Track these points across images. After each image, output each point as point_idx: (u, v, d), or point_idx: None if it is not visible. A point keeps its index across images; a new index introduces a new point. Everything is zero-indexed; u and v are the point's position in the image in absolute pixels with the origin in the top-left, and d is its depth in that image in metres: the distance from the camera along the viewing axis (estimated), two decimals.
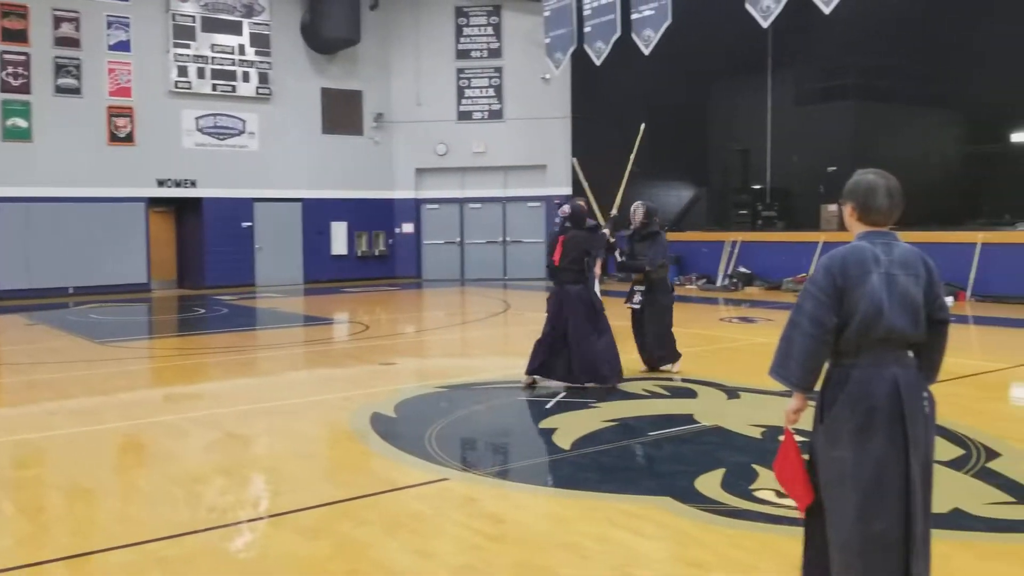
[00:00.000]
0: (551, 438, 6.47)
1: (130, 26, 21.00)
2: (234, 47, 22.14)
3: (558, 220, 8.41)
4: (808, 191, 20.38)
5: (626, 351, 8.61)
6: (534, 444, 6.51)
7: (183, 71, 21.48)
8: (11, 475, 5.96)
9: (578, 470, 5.82)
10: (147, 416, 7.57)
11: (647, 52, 18.60)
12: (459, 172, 24.74)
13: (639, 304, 8.94)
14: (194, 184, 21.88)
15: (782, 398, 3.20)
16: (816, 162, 20.45)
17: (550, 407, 7.51)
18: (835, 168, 20.58)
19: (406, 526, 4.62)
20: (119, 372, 10.02)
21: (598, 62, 19.99)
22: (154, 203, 21.89)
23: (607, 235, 8.69)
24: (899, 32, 19.00)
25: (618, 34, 19.32)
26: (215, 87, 21.94)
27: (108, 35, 20.74)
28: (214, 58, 21.89)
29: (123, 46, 20.93)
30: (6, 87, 19.66)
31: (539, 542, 4.38)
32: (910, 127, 21.70)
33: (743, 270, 19.67)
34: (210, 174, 22.00)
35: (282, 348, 12.08)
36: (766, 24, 16.09)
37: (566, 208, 8.36)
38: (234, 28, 22.13)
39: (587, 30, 20.19)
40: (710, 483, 5.22)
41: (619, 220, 9.46)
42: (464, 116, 24.51)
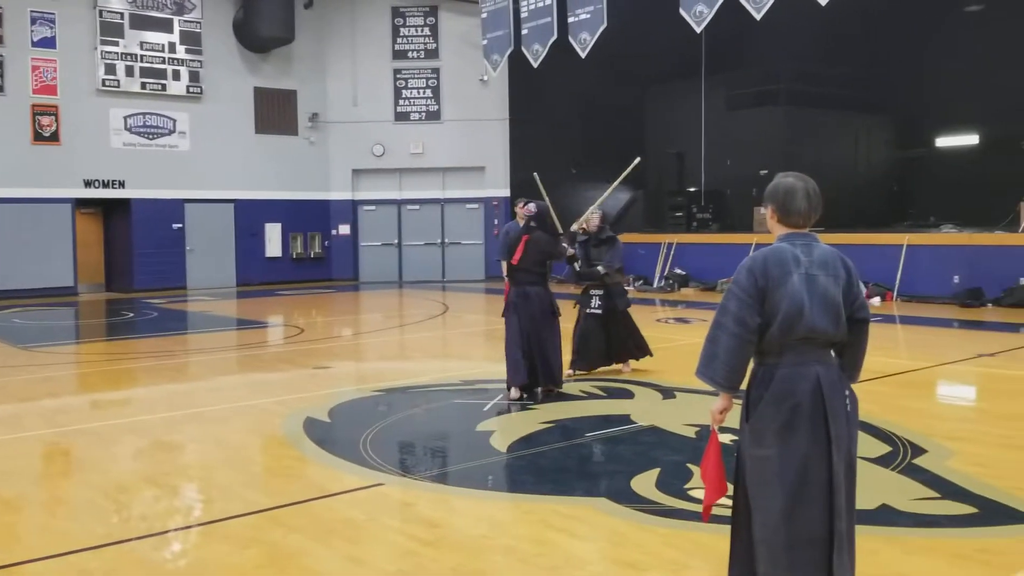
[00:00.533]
0: (488, 441, 6.44)
1: (55, 22, 20.45)
2: (164, 45, 21.69)
3: (524, 219, 8.00)
4: (741, 194, 20.70)
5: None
6: (471, 447, 6.47)
7: (111, 69, 20.99)
8: None
9: (515, 472, 5.81)
10: (72, 423, 7.37)
11: (583, 55, 18.71)
12: (396, 173, 24.60)
13: (600, 309, 8.91)
14: (123, 185, 21.39)
15: (716, 398, 3.25)
16: (749, 165, 20.77)
17: (487, 410, 7.49)
18: (767, 171, 20.94)
19: (339, 533, 4.55)
20: (42, 378, 9.74)
21: (535, 64, 20.05)
22: (81, 204, 21.35)
23: (567, 248, 8.30)
24: (830, 39, 19.40)
25: (555, 37, 19.40)
26: (144, 85, 21.47)
27: (32, 31, 20.18)
28: (143, 56, 21.43)
29: (48, 43, 20.37)
30: None
31: (475, 546, 4.35)
32: (839, 132, 22.21)
33: (679, 271, 19.88)
34: (139, 174, 21.52)
35: (213, 352, 11.86)
36: (699, 29, 16.29)
37: (531, 207, 8.02)
38: (164, 25, 21.69)
39: (524, 32, 20.23)
40: (645, 483, 5.24)
41: (575, 235, 9.32)
42: (401, 117, 24.37)
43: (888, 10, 19.25)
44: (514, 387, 7.82)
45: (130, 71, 21.27)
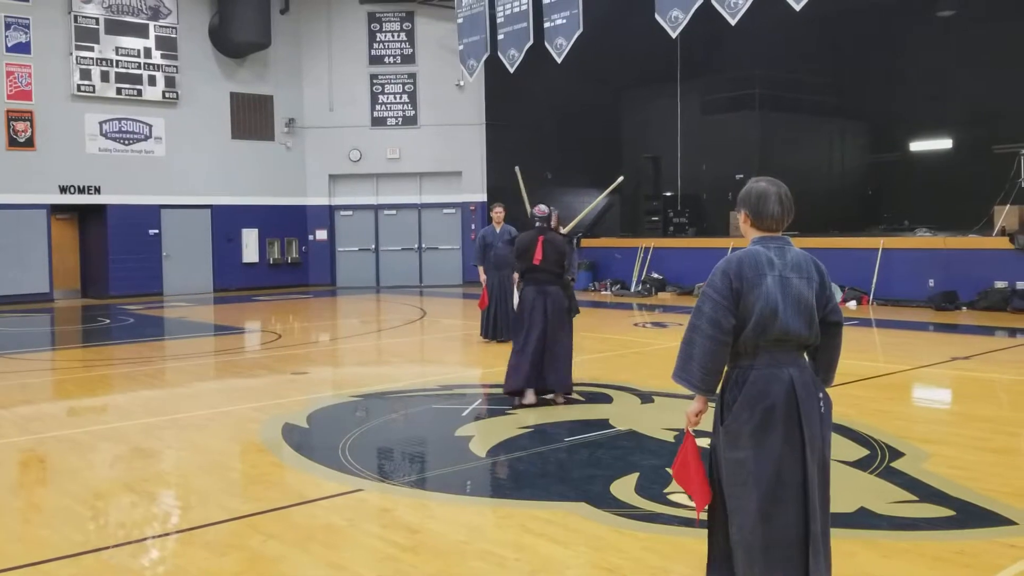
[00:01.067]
0: (467, 446, 6.44)
1: (30, 27, 20.26)
2: (139, 50, 21.55)
3: (537, 219, 8.04)
4: (717, 198, 20.82)
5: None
6: (450, 452, 6.45)
7: (86, 74, 20.82)
8: None
9: (494, 477, 5.81)
10: (48, 430, 7.29)
11: (560, 60, 18.75)
12: (373, 178, 24.55)
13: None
14: (98, 190, 21.21)
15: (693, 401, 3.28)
16: (725, 170, 20.91)
17: (466, 415, 7.48)
18: (743, 176, 21.07)
19: (318, 539, 4.54)
20: (18, 385, 9.63)
21: (512, 69, 20.07)
22: (56, 210, 21.15)
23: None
24: (804, 45, 19.58)
25: (531, 42, 19.44)
26: (120, 91, 21.32)
27: (7, 36, 19.98)
28: (119, 61, 21.27)
29: (23, 48, 20.19)
30: None
31: (455, 552, 4.34)
32: (814, 137, 22.41)
33: (656, 275, 19.96)
34: (115, 180, 21.36)
35: (190, 359, 11.78)
36: (675, 34, 16.36)
37: (543, 208, 8.09)
38: (139, 31, 21.55)
39: (500, 37, 20.25)
40: (624, 487, 5.26)
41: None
42: (378, 122, 24.33)
43: (861, 15, 19.45)
44: (529, 391, 7.72)
45: (105, 76, 21.12)
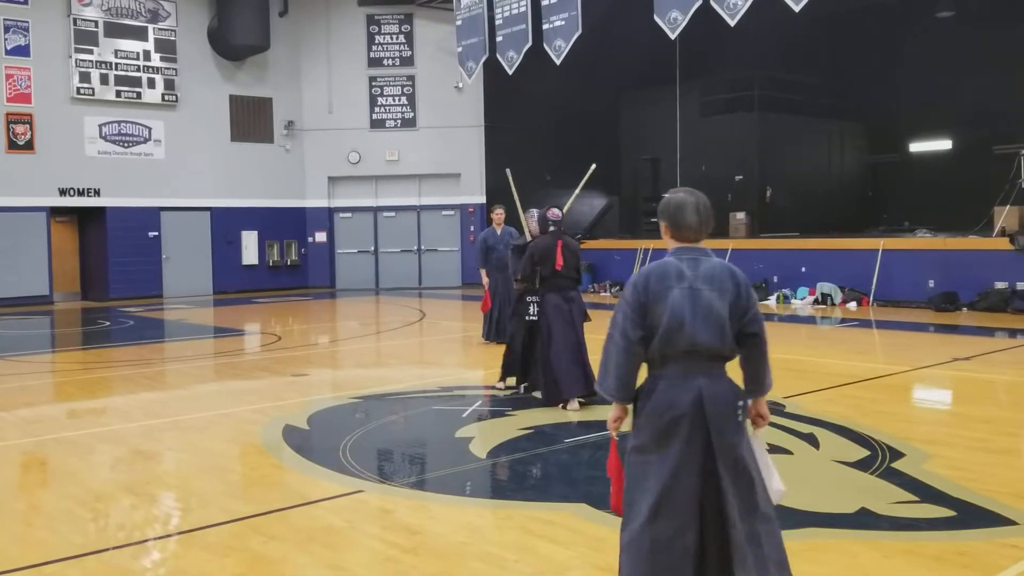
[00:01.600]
0: (467, 447, 6.44)
1: (29, 31, 20.28)
2: (139, 53, 21.57)
3: (551, 223, 7.89)
4: (716, 199, 20.55)
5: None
6: (450, 453, 6.45)
7: (86, 77, 20.84)
8: None
9: (495, 479, 5.81)
10: (49, 432, 7.29)
11: (558, 62, 18.76)
12: (372, 180, 24.56)
13: (536, 316, 8.64)
14: (98, 193, 21.22)
15: None
16: (724, 171, 20.91)
17: (466, 416, 7.49)
18: (742, 177, 21.10)
19: (319, 540, 4.54)
20: (19, 387, 9.63)
21: (510, 71, 20.07)
22: (56, 212, 21.18)
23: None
24: (803, 46, 19.58)
25: (529, 44, 19.43)
26: (119, 93, 21.33)
27: (6, 39, 19.99)
28: (118, 64, 21.28)
29: (22, 51, 20.20)
30: None
31: (455, 553, 4.34)
32: (814, 138, 22.41)
33: None
34: (114, 183, 21.37)
35: (190, 361, 11.78)
36: (673, 36, 16.37)
37: (556, 212, 7.98)
38: (139, 33, 21.57)
39: (499, 39, 20.26)
40: None
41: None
42: (377, 124, 24.34)
43: (861, 16, 19.46)
44: (572, 399, 7.59)
45: (105, 79, 21.13)
